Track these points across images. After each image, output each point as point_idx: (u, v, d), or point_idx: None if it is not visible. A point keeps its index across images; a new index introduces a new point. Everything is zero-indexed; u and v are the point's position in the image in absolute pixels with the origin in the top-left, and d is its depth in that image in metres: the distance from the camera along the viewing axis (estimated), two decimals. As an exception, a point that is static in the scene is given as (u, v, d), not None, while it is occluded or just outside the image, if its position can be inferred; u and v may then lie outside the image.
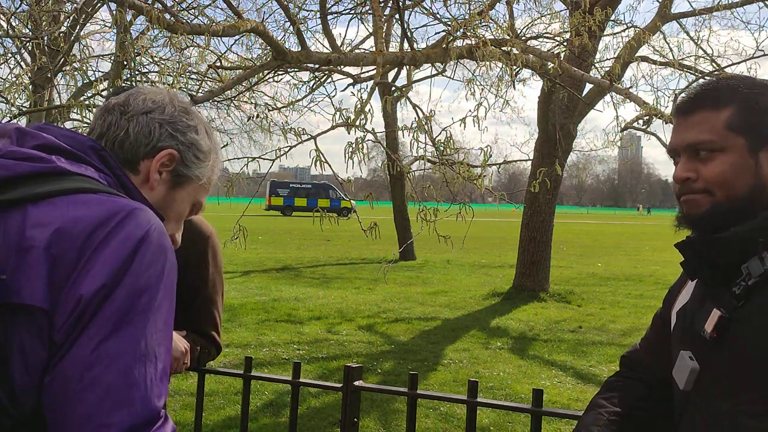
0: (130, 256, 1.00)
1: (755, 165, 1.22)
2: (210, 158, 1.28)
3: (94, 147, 1.14)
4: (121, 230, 1.01)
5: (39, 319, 0.96)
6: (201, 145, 1.26)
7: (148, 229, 1.04)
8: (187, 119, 1.25)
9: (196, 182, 1.27)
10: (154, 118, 1.21)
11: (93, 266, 0.97)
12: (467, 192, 5.77)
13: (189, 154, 1.24)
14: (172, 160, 1.22)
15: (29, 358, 0.96)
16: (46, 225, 0.99)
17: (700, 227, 1.27)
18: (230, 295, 10.32)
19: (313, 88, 8.87)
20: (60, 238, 0.98)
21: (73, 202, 1.02)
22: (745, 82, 1.27)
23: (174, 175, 1.23)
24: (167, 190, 1.24)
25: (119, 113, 1.21)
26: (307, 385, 2.09)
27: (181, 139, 1.23)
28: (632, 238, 29.11)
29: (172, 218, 1.27)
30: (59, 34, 7.76)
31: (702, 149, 1.24)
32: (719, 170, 1.22)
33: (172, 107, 1.24)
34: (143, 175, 1.20)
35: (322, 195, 47.87)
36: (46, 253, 0.97)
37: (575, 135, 11.04)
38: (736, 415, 1.17)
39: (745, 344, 1.17)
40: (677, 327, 1.37)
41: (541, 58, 5.85)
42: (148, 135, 1.20)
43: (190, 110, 1.27)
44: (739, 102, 1.24)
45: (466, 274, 14.46)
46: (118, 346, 0.97)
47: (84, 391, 0.94)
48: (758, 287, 1.16)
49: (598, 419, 1.41)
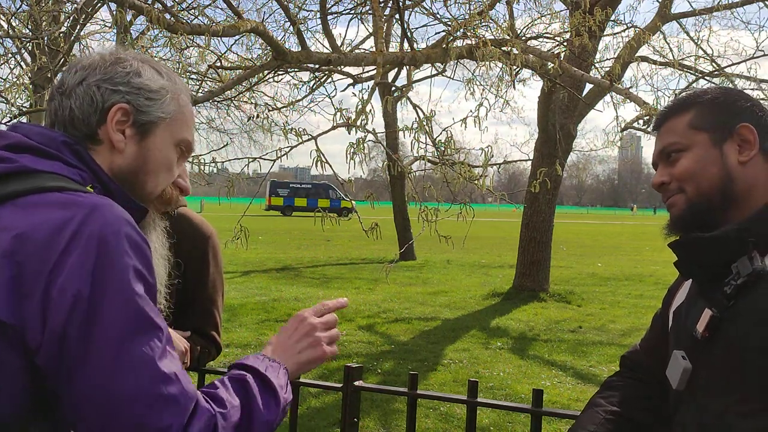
0: (104, 256, 0.96)
1: (720, 156, 1.27)
2: (166, 92, 1.19)
3: (66, 142, 1.10)
4: (86, 229, 0.96)
5: (5, 330, 0.92)
6: (148, 85, 1.17)
7: (116, 223, 0.99)
8: (122, 68, 1.17)
9: (165, 122, 1.18)
10: (90, 84, 1.14)
11: (63, 271, 0.93)
12: (467, 192, 5.77)
13: (140, 99, 1.16)
14: (126, 114, 1.15)
15: (2, 366, 0.93)
16: (6, 230, 0.96)
17: (682, 227, 1.30)
18: (230, 295, 10.32)
19: (313, 88, 8.88)
20: (22, 244, 0.94)
21: (34, 203, 0.99)
22: (711, 89, 1.36)
23: (137, 127, 1.16)
24: (137, 144, 1.16)
25: (59, 95, 1.16)
26: (307, 385, 2.09)
27: (124, 89, 1.15)
28: (632, 238, 29.11)
29: (160, 169, 1.19)
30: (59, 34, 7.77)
31: (671, 152, 1.31)
32: (685, 165, 1.29)
33: (103, 64, 1.17)
34: (107, 143, 1.14)
35: (322, 195, 47.85)
36: (9, 260, 0.93)
37: (575, 135, 11.04)
38: (726, 414, 1.18)
39: (735, 344, 1.17)
40: (673, 327, 1.38)
41: (541, 58, 5.85)
42: (91, 102, 1.14)
43: (125, 57, 1.19)
44: (700, 103, 1.31)
45: (466, 274, 14.45)
46: (138, 350, 0.95)
47: (129, 405, 0.93)
48: (747, 286, 1.17)
49: (594, 418, 1.41)
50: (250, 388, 1.11)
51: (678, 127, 1.32)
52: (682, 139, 1.30)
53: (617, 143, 13.07)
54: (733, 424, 1.17)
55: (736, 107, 1.30)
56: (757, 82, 10.04)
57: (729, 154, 1.27)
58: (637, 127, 11.68)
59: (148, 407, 0.94)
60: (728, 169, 1.26)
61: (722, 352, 1.19)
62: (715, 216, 1.26)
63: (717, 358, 1.20)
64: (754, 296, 1.16)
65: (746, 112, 1.29)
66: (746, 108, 1.30)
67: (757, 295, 1.16)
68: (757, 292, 1.16)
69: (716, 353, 1.20)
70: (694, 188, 1.28)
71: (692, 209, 1.28)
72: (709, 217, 1.26)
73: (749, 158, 1.26)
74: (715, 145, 1.28)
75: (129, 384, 0.94)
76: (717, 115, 1.30)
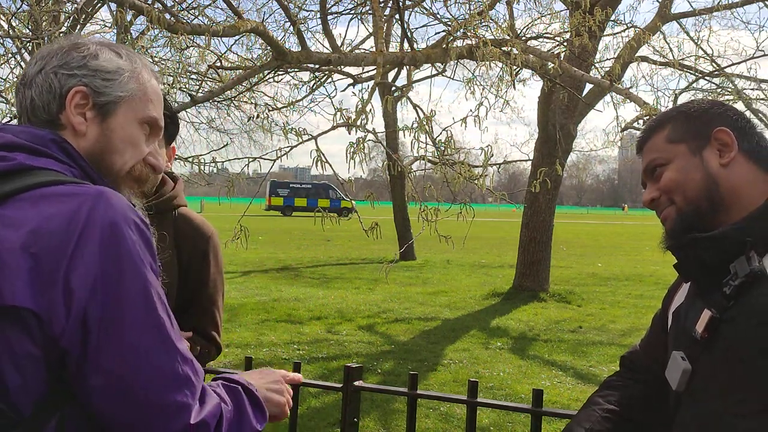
0: (115, 242, 1.00)
1: (701, 162, 1.30)
2: (124, 71, 1.19)
3: (54, 140, 1.12)
4: (96, 217, 1.00)
5: (26, 319, 0.95)
6: (105, 66, 1.18)
7: (123, 210, 1.03)
8: (78, 52, 1.18)
9: (125, 100, 1.19)
10: (47, 72, 1.16)
11: (80, 260, 0.97)
12: (468, 192, 5.77)
13: (97, 81, 1.16)
14: (85, 97, 1.15)
15: (20, 358, 0.96)
16: (18, 225, 0.98)
17: (677, 237, 1.31)
18: (230, 295, 10.32)
19: (314, 88, 8.88)
20: (37, 237, 0.97)
21: (41, 197, 1.02)
22: (683, 103, 1.41)
23: (97, 108, 1.16)
24: (99, 125, 1.17)
25: (22, 86, 1.18)
26: (307, 385, 2.09)
27: (81, 73, 1.16)
28: (632, 238, 29.10)
29: (125, 147, 1.19)
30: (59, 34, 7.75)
31: (654, 167, 1.35)
32: (669, 177, 1.32)
33: (59, 52, 1.18)
34: (70, 128, 1.15)
35: (322, 195, 47.84)
36: (25, 253, 0.96)
37: (575, 135, 11.04)
38: (725, 415, 1.18)
39: (734, 345, 1.17)
40: (672, 328, 1.38)
41: (541, 58, 5.85)
42: (49, 89, 1.15)
43: (81, 42, 1.20)
44: (674, 117, 1.36)
45: (466, 274, 14.45)
46: (156, 330, 1.00)
47: (149, 384, 0.97)
48: (745, 287, 1.17)
49: (591, 415, 1.42)
50: (241, 396, 1.17)
51: (657, 144, 1.36)
52: (662, 154, 1.34)
53: (617, 143, 13.10)
54: (733, 425, 1.17)
55: (709, 114, 1.34)
56: (757, 82, 10.04)
57: (710, 160, 1.30)
58: (637, 127, 11.68)
59: (168, 385, 0.99)
60: (711, 173, 1.29)
61: (721, 353, 1.20)
62: (706, 220, 1.28)
63: (716, 359, 1.21)
64: (752, 297, 1.17)
65: (720, 117, 1.33)
66: (719, 113, 1.33)
67: (756, 295, 1.16)
68: (755, 293, 1.17)
69: (715, 354, 1.21)
70: (681, 197, 1.30)
71: (683, 218, 1.30)
72: (700, 222, 1.28)
73: (730, 160, 1.29)
74: (694, 154, 1.31)
75: (150, 363, 0.98)
76: (691, 125, 1.33)
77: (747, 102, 10.13)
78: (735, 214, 1.26)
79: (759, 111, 10.40)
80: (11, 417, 0.96)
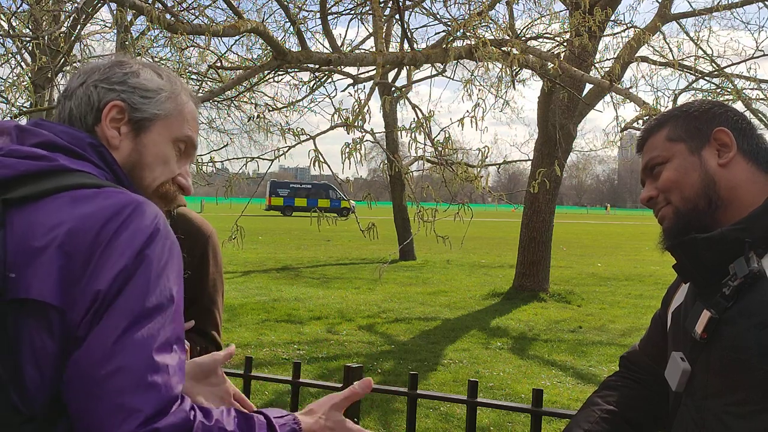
0: (143, 249, 1.01)
1: (700, 162, 1.30)
2: (162, 91, 1.23)
3: (92, 144, 1.14)
4: (130, 223, 1.02)
5: (49, 315, 0.97)
6: (145, 84, 1.21)
7: (157, 221, 1.05)
8: (120, 68, 1.21)
9: (160, 119, 1.21)
10: (88, 85, 1.19)
11: (107, 260, 0.99)
12: (467, 192, 5.77)
13: (135, 97, 1.19)
14: (121, 111, 1.18)
15: (39, 353, 0.97)
16: (55, 223, 1.00)
17: (675, 237, 1.31)
18: (230, 295, 10.32)
19: (313, 88, 8.88)
20: (72, 236, 0.99)
21: (80, 197, 1.03)
22: (684, 104, 1.41)
23: (132, 124, 1.19)
24: (132, 140, 1.19)
25: (63, 98, 1.21)
26: (307, 385, 2.10)
27: (120, 88, 1.19)
28: (632, 238, 29.10)
29: (156, 163, 1.22)
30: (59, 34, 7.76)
31: (653, 165, 1.35)
32: (667, 175, 1.32)
33: (102, 67, 1.21)
34: (104, 141, 1.17)
35: (322, 195, 47.84)
36: (59, 251, 0.98)
37: (575, 135, 11.04)
38: (724, 415, 1.18)
39: (733, 345, 1.17)
40: (671, 328, 1.38)
41: (541, 58, 5.85)
42: (88, 102, 1.18)
43: (125, 60, 1.24)
44: (674, 116, 1.36)
45: (466, 274, 14.45)
46: (141, 335, 0.99)
47: (111, 379, 0.96)
48: (744, 288, 1.18)
49: (590, 416, 1.42)
50: (254, 424, 1.09)
51: (657, 143, 1.36)
52: (662, 152, 1.34)
53: (617, 143, 13.08)
54: (731, 426, 1.17)
55: (710, 114, 1.33)
56: (757, 83, 10.03)
57: (708, 159, 1.30)
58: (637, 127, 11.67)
59: (132, 384, 0.97)
60: (709, 173, 1.29)
61: (720, 354, 1.20)
62: (704, 220, 1.28)
63: (715, 360, 1.21)
64: (752, 298, 1.17)
65: (720, 117, 1.33)
66: (720, 114, 1.33)
67: (755, 296, 1.16)
68: (754, 294, 1.17)
69: (714, 355, 1.21)
70: (678, 196, 1.30)
71: (681, 217, 1.30)
72: (698, 221, 1.28)
73: (729, 160, 1.29)
74: (693, 153, 1.31)
75: (125, 357, 0.97)
76: (691, 125, 1.33)
77: (747, 102, 10.12)
78: (734, 215, 1.26)
79: (759, 111, 10.39)
80: (25, 414, 0.96)
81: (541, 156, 10.56)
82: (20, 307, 0.96)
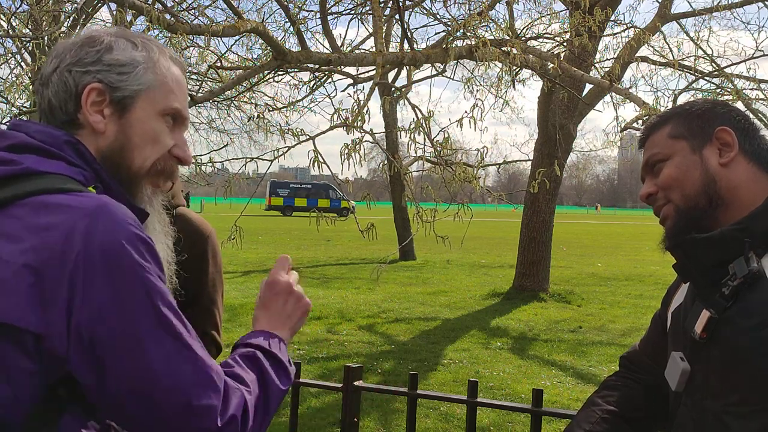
0: (117, 264, 0.96)
1: (701, 160, 1.30)
2: (139, 63, 1.14)
3: (69, 141, 1.08)
4: (95, 234, 0.96)
5: (21, 335, 0.92)
6: (119, 59, 1.13)
7: (121, 224, 0.99)
8: (91, 47, 1.13)
9: (142, 93, 1.14)
10: (62, 70, 1.12)
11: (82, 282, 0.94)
12: (467, 192, 5.76)
13: (112, 75, 1.12)
14: (101, 93, 1.11)
15: (11, 371, 0.93)
16: (19, 237, 0.95)
17: (677, 236, 1.31)
18: (230, 295, 10.32)
19: (313, 88, 8.88)
20: (37, 252, 0.94)
21: (42, 205, 0.98)
22: (688, 102, 1.41)
23: (114, 104, 1.12)
24: (117, 122, 1.13)
25: (41, 86, 1.14)
26: (307, 385, 2.09)
27: (95, 69, 1.12)
28: (632, 238, 29.10)
29: (145, 142, 1.15)
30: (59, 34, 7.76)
31: (654, 162, 1.35)
32: (668, 173, 1.32)
33: (73, 48, 1.14)
34: (88, 127, 1.11)
35: (322, 195, 47.84)
36: (26, 268, 0.93)
37: (575, 135, 11.04)
38: (724, 415, 1.18)
39: (732, 345, 1.17)
40: (671, 328, 1.38)
41: (541, 58, 5.85)
42: (65, 89, 1.11)
43: (95, 35, 1.15)
44: (677, 114, 1.36)
45: (466, 274, 14.45)
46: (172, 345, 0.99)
47: (169, 396, 0.97)
48: (744, 288, 1.17)
49: (590, 416, 1.42)
50: (262, 363, 1.14)
51: (659, 139, 1.36)
52: (663, 149, 1.34)
53: (617, 143, 13.10)
54: (731, 426, 1.17)
55: (713, 113, 1.33)
56: (757, 83, 10.03)
57: (709, 158, 1.30)
58: (636, 127, 11.68)
59: (190, 391, 0.98)
60: (710, 172, 1.29)
61: (720, 354, 1.20)
62: (704, 219, 1.27)
63: (715, 360, 1.21)
64: (751, 297, 1.17)
65: (723, 117, 1.32)
66: (723, 113, 1.33)
67: (754, 296, 1.16)
68: (753, 294, 1.17)
69: (714, 354, 1.21)
70: (679, 195, 1.30)
71: (681, 216, 1.30)
72: (699, 220, 1.28)
73: (730, 159, 1.29)
74: (694, 151, 1.31)
75: (170, 372, 0.97)
76: (694, 123, 1.33)
77: (746, 102, 10.12)
78: (734, 215, 1.26)
79: (759, 111, 10.39)
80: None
81: (541, 156, 10.56)
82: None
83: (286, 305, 1.27)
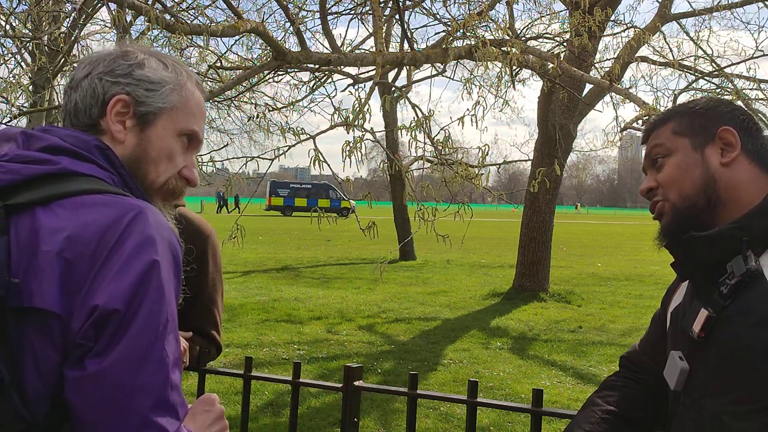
0: (151, 262, 1.01)
1: (702, 159, 1.30)
2: (167, 83, 1.20)
3: (98, 146, 1.13)
4: (132, 232, 1.01)
5: (51, 322, 0.96)
6: (149, 76, 1.19)
7: (159, 228, 1.04)
8: (125, 60, 1.19)
9: (165, 112, 1.19)
10: (93, 77, 1.17)
11: (112, 271, 0.98)
12: (467, 192, 5.76)
13: (140, 90, 1.17)
14: (126, 105, 1.16)
15: (40, 362, 0.97)
16: (57, 229, 1.00)
17: (673, 234, 1.31)
18: (230, 295, 10.32)
19: (313, 88, 8.87)
20: (72, 243, 0.99)
21: (81, 204, 1.03)
22: (693, 99, 1.42)
23: (137, 118, 1.17)
24: (137, 135, 1.17)
25: (69, 89, 1.20)
26: (307, 385, 2.10)
27: (125, 81, 1.17)
28: (632, 238, 29.10)
29: (161, 158, 1.19)
30: (59, 35, 7.75)
31: (656, 156, 1.35)
32: (668, 172, 1.32)
33: (107, 58, 1.19)
34: (109, 134, 1.16)
35: (323, 195, 47.82)
36: (59, 258, 0.98)
37: (575, 135, 11.04)
38: (723, 414, 1.18)
39: (730, 344, 1.17)
40: (671, 328, 1.38)
41: (541, 58, 5.85)
42: (93, 95, 1.16)
43: (129, 50, 1.21)
44: (681, 111, 1.36)
45: (466, 274, 14.45)
46: (160, 354, 1.00)
47: (135, 396, 0.97)
48: (742, 286, 1.17)
49: (590, 417, 1.42)
50: None
51: (662, 135, 1.36)
52: (665, 144, 1.34)
53: (617, 143, 13.10)
54: (729, 425, 1.17)
55: (716, 112, 1.33)
56: (757, 82, 10.03)
57: (711, 157, 1.30)
58: (636, 127, 11.68)
59: (157, 404, 0.98)
60: (710, 171, 1.29)
61: (718, 353, 1.20)
62: (702, 218, 1.27)
63: (713, 359, 1.21)
64: (749, 296, 1.17)
65: (727, 116, 1.32)
66: (727, 112, 1.33)
67: (752, 295, 1.16)
68: (751, 292, 1.17)
69: (712, 354, 1.21)
70: (677, 194, 1.30)
71: (679, 214, 1.30)
72: (697, 219, 1.28)
73: (731, 159, 1.29)
74: (696, 149, 1.31)
75: (148, 377, 0.98)
76: (697, 120, 1.33)
77: (747, 102, 10.11)
78: (733, 213, 1.26)
79: (759, 111, 10.39)
80: (27, 420, 0.96)
81: (541, 156, 10.55)
82: (23, 315, 0.96)
83: (212, 426, 1.25)
